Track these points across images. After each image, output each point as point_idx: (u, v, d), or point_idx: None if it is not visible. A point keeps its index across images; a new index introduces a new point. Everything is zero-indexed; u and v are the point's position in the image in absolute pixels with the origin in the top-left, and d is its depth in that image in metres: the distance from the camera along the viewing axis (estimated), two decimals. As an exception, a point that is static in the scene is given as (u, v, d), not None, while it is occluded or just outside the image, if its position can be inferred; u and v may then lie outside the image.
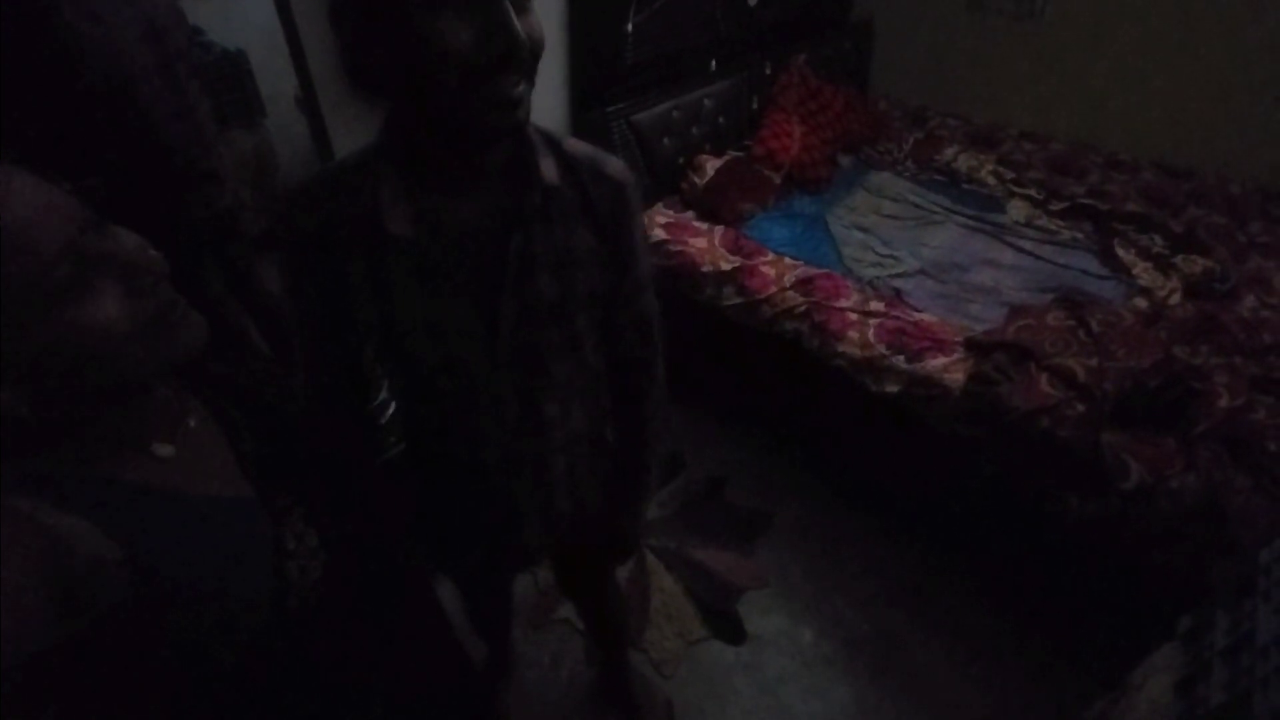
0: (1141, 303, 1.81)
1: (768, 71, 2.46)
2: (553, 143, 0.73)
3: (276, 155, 3.13)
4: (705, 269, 1.93)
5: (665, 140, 2.15)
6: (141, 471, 0.53)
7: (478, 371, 0.74)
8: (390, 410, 1.44)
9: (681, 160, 2.23)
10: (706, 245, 1.99)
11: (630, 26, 1.93)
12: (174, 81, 1.45)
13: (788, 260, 1.94)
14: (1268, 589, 0.90)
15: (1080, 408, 1.44)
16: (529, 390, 0.78)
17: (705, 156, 2.23)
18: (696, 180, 2.18)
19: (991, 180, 2.40)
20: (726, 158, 2.26)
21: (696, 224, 2.09)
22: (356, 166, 0.67)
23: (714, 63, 2.32)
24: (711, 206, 2.12)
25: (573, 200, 0.73)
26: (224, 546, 0.55)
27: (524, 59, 0.57)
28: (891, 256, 2.04)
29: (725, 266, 1.92)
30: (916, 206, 2.29)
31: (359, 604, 0.66)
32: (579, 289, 0.75)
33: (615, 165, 0.76)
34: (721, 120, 2.34)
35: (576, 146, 0.75)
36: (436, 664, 0.82)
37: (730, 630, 1.65)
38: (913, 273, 1.97)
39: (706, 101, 2.27)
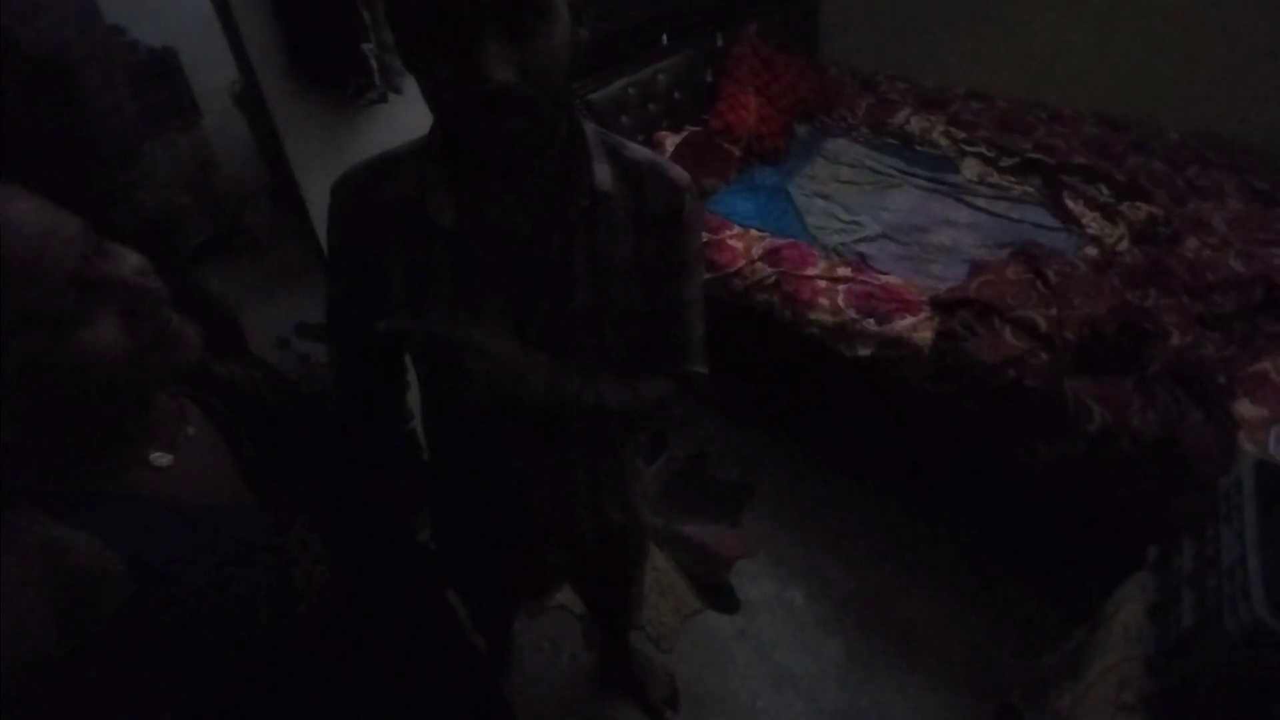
0: (1092, 251, 1.88)
1: (719, 43, 2.44)
2: (611, 148, 0.72)
3: (216, 155, 2.98)
4: (673, 246, 1.93)
5: (623, 119, 2.13)
6: (140, 482, 0.52)
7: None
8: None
9: (641, 139, 2.21)
10: (672, 223, 1.98)
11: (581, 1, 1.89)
12: (106, 73, 1.37)
13: (754, 232, 1.95)
14: (1228, 514, 0.95)
15: (1044, 357, 1.49)
16: None
17: (664, 133, 2.22)
18: (657, 158, 2.16)
19: (943, 141, 2.44)
20: (685, 133, 2.24)
21: (660, 202, 2.08)
22: (404, 158, 0.68)
23: (665, 36, 2.29)
24: (674, 183, 2.11)
25: (625, 208, 0.71)
26: (226, 554, 0.54)
27: (511, 99, 0.54)
28: (854, 222, 2.07)
29: (692, 243, 1.91)
30: (874, 171, 2.32)
31: (367, 604, 0.65)
32: (614, 302, 0.73)
33: (678, 170, 0.74)
34: (677, 95, 2.32)
35: (639, 152, 0.73)
36: (445, 660, 0.82)
37: (724, 601, 1.69)
38: (875, 237, 2.01)
39: (660, 77, 2.24)
